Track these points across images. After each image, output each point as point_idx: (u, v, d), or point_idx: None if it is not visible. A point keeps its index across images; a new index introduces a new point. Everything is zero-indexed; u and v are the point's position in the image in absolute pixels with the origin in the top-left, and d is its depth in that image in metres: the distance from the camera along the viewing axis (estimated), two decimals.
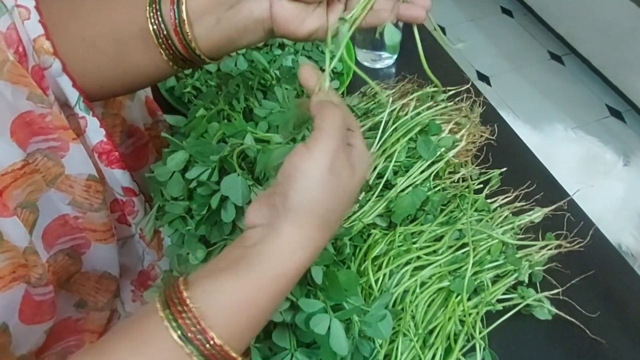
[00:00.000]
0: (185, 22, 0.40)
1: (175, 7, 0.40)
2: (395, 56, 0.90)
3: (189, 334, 0.30)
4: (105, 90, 0.46)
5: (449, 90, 0.62)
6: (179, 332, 0.30)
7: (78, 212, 0.46)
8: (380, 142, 0.56)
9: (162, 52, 0.42)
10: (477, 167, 0.67)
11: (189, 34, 0.40)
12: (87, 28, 0.42)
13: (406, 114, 0.59)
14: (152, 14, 0.41)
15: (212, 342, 0.31)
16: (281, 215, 0.33)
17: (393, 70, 0.90)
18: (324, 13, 0.42)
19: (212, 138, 0.50)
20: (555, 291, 0.59)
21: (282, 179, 0.34)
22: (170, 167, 0.50)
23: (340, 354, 0.40)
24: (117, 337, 0.32)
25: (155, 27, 0.41)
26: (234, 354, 0.31)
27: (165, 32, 0.41)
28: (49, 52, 0.41)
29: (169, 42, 0.41)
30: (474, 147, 0.62)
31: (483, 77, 1.95)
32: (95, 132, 0.46)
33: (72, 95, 0.43)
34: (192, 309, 0.31)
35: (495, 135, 0.65)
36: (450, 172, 0.60)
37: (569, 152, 1.29)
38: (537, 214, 0.60)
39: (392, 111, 0.60)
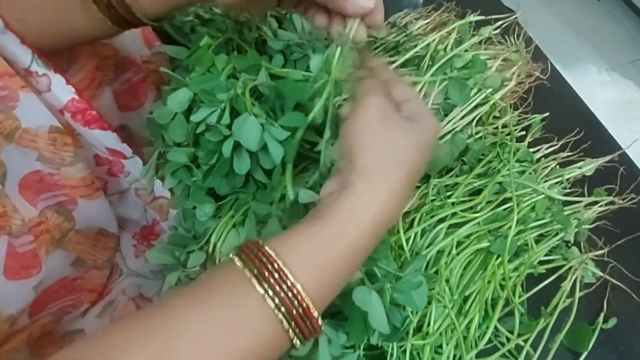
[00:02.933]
0: None
1: None
2: None
3: (274, 285, 0.28)
4: (45, 47, 0.40)
5: (496, 21, 0.53)
6: (277, 301, 0.28)
7: (51, 169, 0.41)
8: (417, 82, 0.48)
9: (104, 17, 0.39)
10: (516, 112, 0.59)
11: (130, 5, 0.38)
12: None
13: (445, 48, 0.51)
14: None
15: (299, 298, 0.28)
16: (352, 174, 0.33)
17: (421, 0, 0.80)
18: None
19: (220, 73, 0.43)
20: (601, 252, 0.54)
21: (343, 151, 0.34)
22: (172, 108, 0.43)
23: (383, 332, 0.35)
24: (192, 296, 0.29)
25: None
26: (315, 313, 0.29)
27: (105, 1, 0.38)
28: None
29: (110, 9, 0.38)
30: (521, 89, 0.53)
31: (515, 15, 1.81)
32: (63, 90, 0.40)
33: (25, 53, 0.38)
34: (276, 261, 0.29)
35: (547, 76, 0.56)
36: (495, 117, 0.52)
37: (603, 95, 1.20)
38: (589, 167, 0.53)
39: (427, 44, 0.52)
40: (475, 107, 0.48)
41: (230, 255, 0.30)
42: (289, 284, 0.28)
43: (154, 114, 0.43)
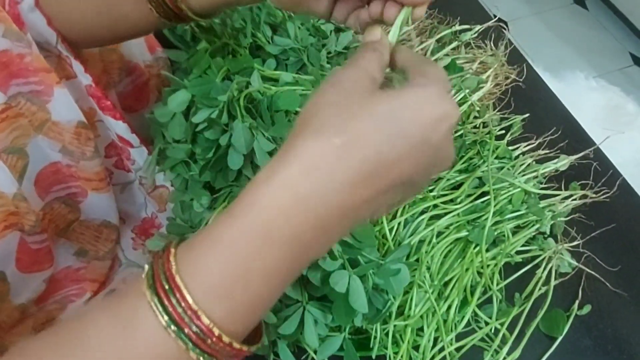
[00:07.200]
0: None
1: None
2: None
3: (178, 320, 0.25)
4: (95, 38, 0.43)
5: (474, 26, 0.56)
6: (167, 318, 0.25)
7: (70, 161, 0.44)
8: None
9: (152, 8, 0.39)
10: (498, 112, 0.62)
11: None
12: None
13: (426, 54, 0.54)
14: None
15: (210, 335, 0.25)
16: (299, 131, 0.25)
17: None
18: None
19: (216, 75, 0.46)
20: (576, 243, 0.57)
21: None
22: (172, 108, 0.46)
23: (362, 312, 0.38)
24: (101, 316, 0.27)
25: None
26: (235, 344, 0.26)
27: None
28: None
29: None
30: (499, 90, 0.57)
31: (501, 22, 1.86)
32: (82, 76, 0.43)
33: (50, 35, 0.40)
34: (181, 288, 0.25)
35: (522, 78, 0.60)
36: (475, 117, 0.55)
37: (590, 101, 1.24)
38: (563, 162, 0.57)
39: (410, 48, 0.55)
40: None
41: (144, 269, 0.27)
42: (195, 319, 0.25)
43: (155, 113, 0.46)
